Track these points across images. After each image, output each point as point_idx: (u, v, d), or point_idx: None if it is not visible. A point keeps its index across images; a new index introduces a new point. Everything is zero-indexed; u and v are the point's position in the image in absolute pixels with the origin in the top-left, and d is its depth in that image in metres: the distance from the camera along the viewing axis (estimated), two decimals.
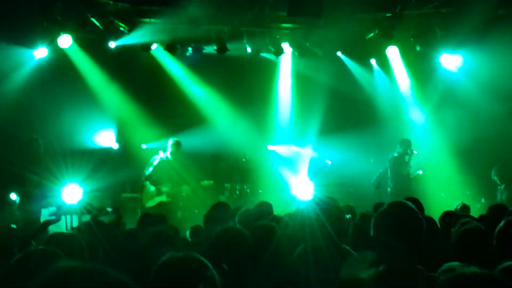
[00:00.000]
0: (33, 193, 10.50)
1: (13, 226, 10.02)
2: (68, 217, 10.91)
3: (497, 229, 4.46)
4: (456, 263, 3.91)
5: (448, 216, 6.86)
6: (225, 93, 15.37)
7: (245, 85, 15.19)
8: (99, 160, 14.40)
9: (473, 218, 6.40)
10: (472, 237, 4.67)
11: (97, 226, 6.47)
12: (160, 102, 15.10)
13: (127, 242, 6.26)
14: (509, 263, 3.32)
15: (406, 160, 13.56)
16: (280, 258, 4.48)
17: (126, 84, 14.64)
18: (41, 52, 13.70)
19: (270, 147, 16.27)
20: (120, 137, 15.04)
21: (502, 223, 4.47)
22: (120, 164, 14.22)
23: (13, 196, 10.87)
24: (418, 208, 3.68)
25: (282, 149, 16.30)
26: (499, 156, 14.07)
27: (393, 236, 3.48)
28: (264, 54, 14.96)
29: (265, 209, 7.42)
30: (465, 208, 9.50)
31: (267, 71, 15.80)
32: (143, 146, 14.93)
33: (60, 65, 13.94)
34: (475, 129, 14.58)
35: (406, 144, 13.65)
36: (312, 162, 15.87)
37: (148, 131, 15.01)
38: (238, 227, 5.46)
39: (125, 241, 6.37)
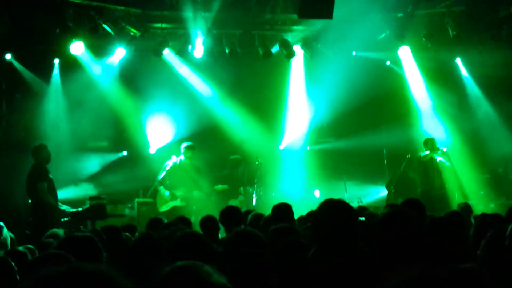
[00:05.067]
0: (47, 201, 10.62)
1: (27, 232, 10.14)
2: None
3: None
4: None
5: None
6: (236, 95, 15.35)
7: (257, 86, 15.18)
8: (112, 166, 14.53)
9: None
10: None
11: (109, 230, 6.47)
12: (171, 107, 15.08)
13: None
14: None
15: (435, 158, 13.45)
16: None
17: (137, 89, 14.66)
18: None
19: (282, 146, 16.21)
20: (131, 143, 15.04)
21: None
22: (132, 170, 14.25)
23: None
24: (419, 209, 3.75)
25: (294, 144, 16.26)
26: None
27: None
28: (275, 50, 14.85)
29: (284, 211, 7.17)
30: (467, 209, 9.16)
31: (279, 71, 15.76)
32: (152, 151, 14.93)
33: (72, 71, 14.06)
34: (490, 129, 14.59)
35: (431, 143, 13.50)
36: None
37: (159, 135, 15.07)
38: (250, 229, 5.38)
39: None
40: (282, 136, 16.24)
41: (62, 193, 12.00)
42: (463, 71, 15.76)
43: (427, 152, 13.45)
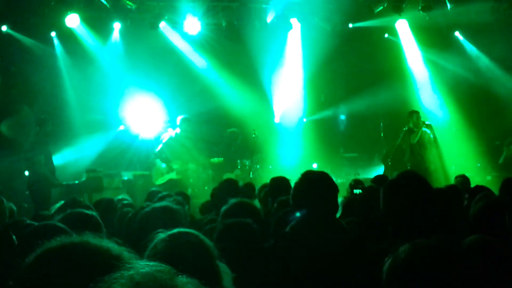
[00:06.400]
0: (43, 173, 10.60)
1: (25, 205, 10.16)
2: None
3: None
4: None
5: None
6: (233, 68, 15.30)
7: (254, 59, 15.12)
8: (109, 139, 14.50)
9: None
10: (492, 211, 4.67)
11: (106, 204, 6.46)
12: (168, 80, 14.97)
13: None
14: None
15: (416, 131, 13.15)
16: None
17: (135, 62, 14.54)
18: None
19: (278, 119, 16.20)
20: (128, 117, 14.97)
21: None
22: (129, 143, 14.23)
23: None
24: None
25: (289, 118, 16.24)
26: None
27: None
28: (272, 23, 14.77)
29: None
30: (465, 181, 9.08)
31: (276, 44, 15.69)
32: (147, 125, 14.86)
33: (68, 44, 13.99)
34: (486, 101, 14.59)
35: (416, 116, 13.21)
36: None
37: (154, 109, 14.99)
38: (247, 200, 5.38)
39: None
40: (279, 109, 16.23)
41: (59, 160, 12.04)
42: (463, 44, 15.70)
43: (415, 132, 13.08)
